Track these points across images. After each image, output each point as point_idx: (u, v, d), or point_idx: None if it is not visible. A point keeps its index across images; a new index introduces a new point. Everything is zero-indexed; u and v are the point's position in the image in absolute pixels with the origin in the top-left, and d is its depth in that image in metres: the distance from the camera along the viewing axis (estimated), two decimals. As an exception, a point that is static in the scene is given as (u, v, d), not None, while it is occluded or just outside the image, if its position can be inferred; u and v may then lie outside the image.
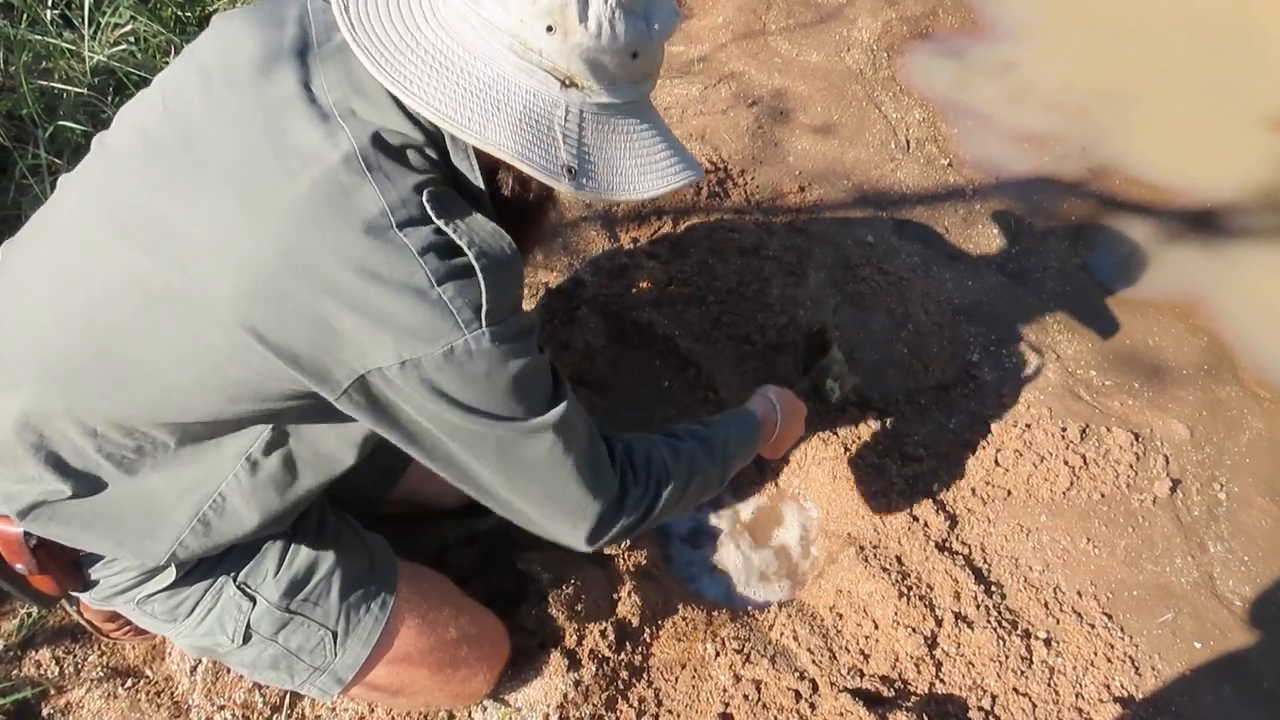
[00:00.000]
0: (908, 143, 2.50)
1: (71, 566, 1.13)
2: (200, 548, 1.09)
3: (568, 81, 0.87)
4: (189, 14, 2.07)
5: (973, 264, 2.26)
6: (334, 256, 0.84)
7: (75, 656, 1.53)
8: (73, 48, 1.76)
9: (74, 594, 1.18)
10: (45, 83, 1.69)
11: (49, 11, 1.82)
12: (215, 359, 0.92)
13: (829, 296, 2.07)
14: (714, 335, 2.00)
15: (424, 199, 0.88)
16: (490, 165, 0.96)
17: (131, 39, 1.87)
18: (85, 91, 1.71)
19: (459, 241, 0.88)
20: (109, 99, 1.79)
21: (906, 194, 2.39)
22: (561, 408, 0.99)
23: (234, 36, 0.97)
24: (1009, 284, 2.22)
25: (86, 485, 1.03)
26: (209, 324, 0.90)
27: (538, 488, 1.03)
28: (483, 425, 0.94)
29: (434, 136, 0.93)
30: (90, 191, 1.01)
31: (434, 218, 0.87)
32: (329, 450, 1.10)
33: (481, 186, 0.96)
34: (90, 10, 1.80)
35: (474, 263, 0.88)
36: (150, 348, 0.94)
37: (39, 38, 1.75)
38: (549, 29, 0.84)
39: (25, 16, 1.76)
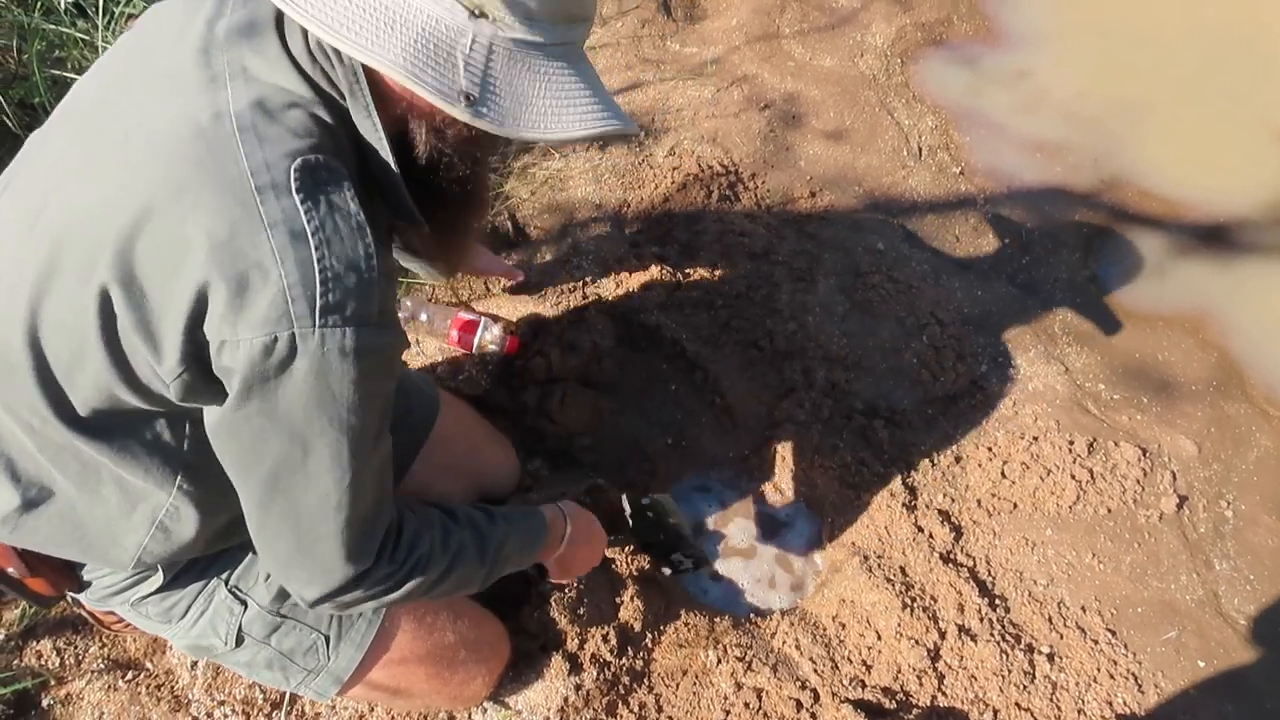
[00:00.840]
0: (920, 150, 2.49)
1: (63, 568, 1.13)
2: (165, 552, 1.06)
3: (477, 10, 0.79)
4: None
5: (983, 273, 2.25)
6: (189, 215, 0.79)
7: (76, 648, 1.53)
8: (85, 37, 1.75)
9: (72, 594, 1.18)
10: (58, 72, 1.68)
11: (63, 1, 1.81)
12: (88, 328, 0.85)
13: (837, 304, 2.06)
14: (722, 340, 1.99)
15: (293, 167, 0.81)
16: (398, 131, 0.89)
17: (145, 29, 1.87)
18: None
19: (306, 226, 0.80)
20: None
21: (918, 201, 2.38)
22: (369, 456, 0.91)
23: (156, 17, 0.97)
24: (1019, 294, 2.21)
25: (39, 494, 1.01)
26: (84, 287, 0.84)
27: (292, 532, 0.93)
28: (278, 438, 0.86)
29: (329, 97, 0.86)
30: (19, 172, 0.99)
31: (293, 190, 0.80)
32: None
33: (384, 146, 0.87)
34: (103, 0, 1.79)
35: (313, 251, 0.80)
36: (53, 321, 0.89)
37: (53, 26, 1.74)
38: None
39: (39, 4, 1.76)
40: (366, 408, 0.87)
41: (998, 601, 1.69)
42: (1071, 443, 1.88)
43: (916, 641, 1.59)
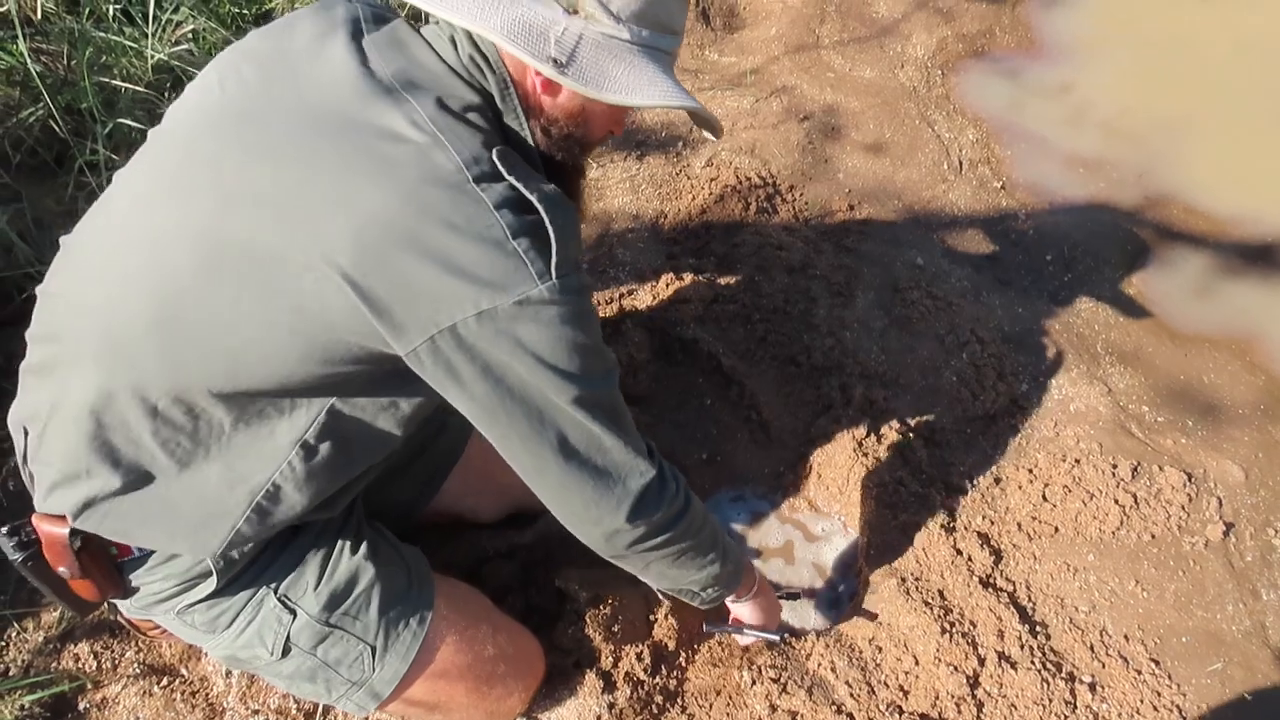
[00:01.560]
0: (960, 164, 2.46)
1: (113, 571, 1.13)
2: (254, 535, 1.09)
3: (571, 8, 0.94)
4: (247, 11, 2.08)
5: (1024, 290, 2.21)
6: (418, 212, 0.89)
7: (113, 652, 1.54)
8: (134, 45, 1.77)
9: (113, 601, 1.18)
10: (105, 79, 1.70)
11: (112, 7, 1.82)
12: (295, 313, 0.94)
13: (876, 320, 2.04)
14: (758, 354, 1.97)
15: (494, 156, 0.93)
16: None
17: (191, 37, 1.88)
18: (144, 89, 1.72)
19: (529, 197, 0.93)
20: (165, 96, 1.80)
21: (958, 216, 2.35)
22: (615, 377, 1.04)
23: (281, 29, 1.04)
24: (1061, 312, 2.17)
25: (137, 478, 1.04)
26: (297, 277, 0.92)
27: (590, 454, 1.03)
28: (549, 380, 0.96)
29: (489, 100, 1.00)
30: (150, 171, 1.04)
31: (505, 174, 0.93)
32: (379, 429, 1.11)
33: (530, 142, 1.03)
34: (153, 9, 1.81)
35: (544, 216, 0.93)
36: (225, 306, 0.95)
37: (102, 35, 1.76)
38: None
39: (89, 12, 1.78)
40: (598, 330, 1.00)
41: (1038, 628, 1.65)
42: (1115, 466, 1.84)
43: (955, 668, 1.56)
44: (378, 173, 0.90)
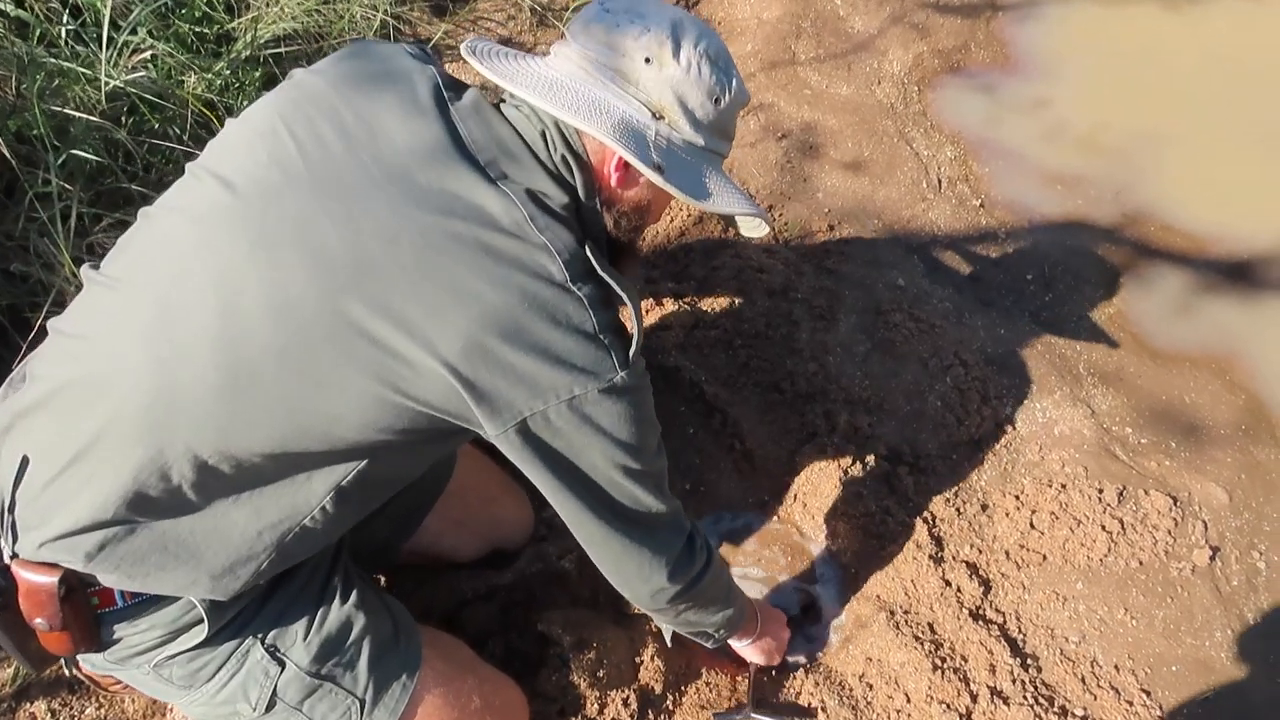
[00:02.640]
0: (939, 181, 2.44)
1: (92, 624, 1.07)
2: (271, 573, 1.09)
3: (658, 113, 1.03)
4: (207, 31, 2.01)
5: (1006, 311, 2.20)
6: (526, 308, 0.94)
7: (72, 709, 1.47)
8: (88, 72, 1.69)
9: (83, 655, 1.11)
10: (57, 108, 1.62)
11: (64, 29, 1.74)
12: (394, 391, 0.96)
13: (858, 344, 2.01)
14: (741, 381, 1.94)
15: (588, 254, 1.00)
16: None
17: (150, 63, 1.80)
18: (97, 118, 1.64)
19: (620, 292, 1.01)
20: (124, 125, 1.72)
21: (938, 235, 2.33)
22: (663, 449, 1.12)
23: (349, 82, 1.04)
24: (1042, 333, 2.16)
25: (161, 517, 1.00)
26: (404, 361, 0.94)
27: (644, 521, 1.12)
28: (619, 458, 1.03)
29: (573, 194, 1.04)
30: (214, 219, 0.98)
31: (599, 270, 1.00)
32: (404, 470, 1.17)
33: (609, 235, 1.10)
34: (108, 32, 1.72)
35: (631, 309, 1.02)
36: (307, 379, 0.95)
37: (53, 61, 1.68)
38: (647, 61, 1.01)
39: (40, 36, 1.69)
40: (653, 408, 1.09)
41: (1029, 661, 1.63)
42: (1101, 491, 1.83)
43: (948, 705, 1.53)
44: (488, 270, 0.94)
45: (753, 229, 1.20)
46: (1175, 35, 2.90)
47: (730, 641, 1.47)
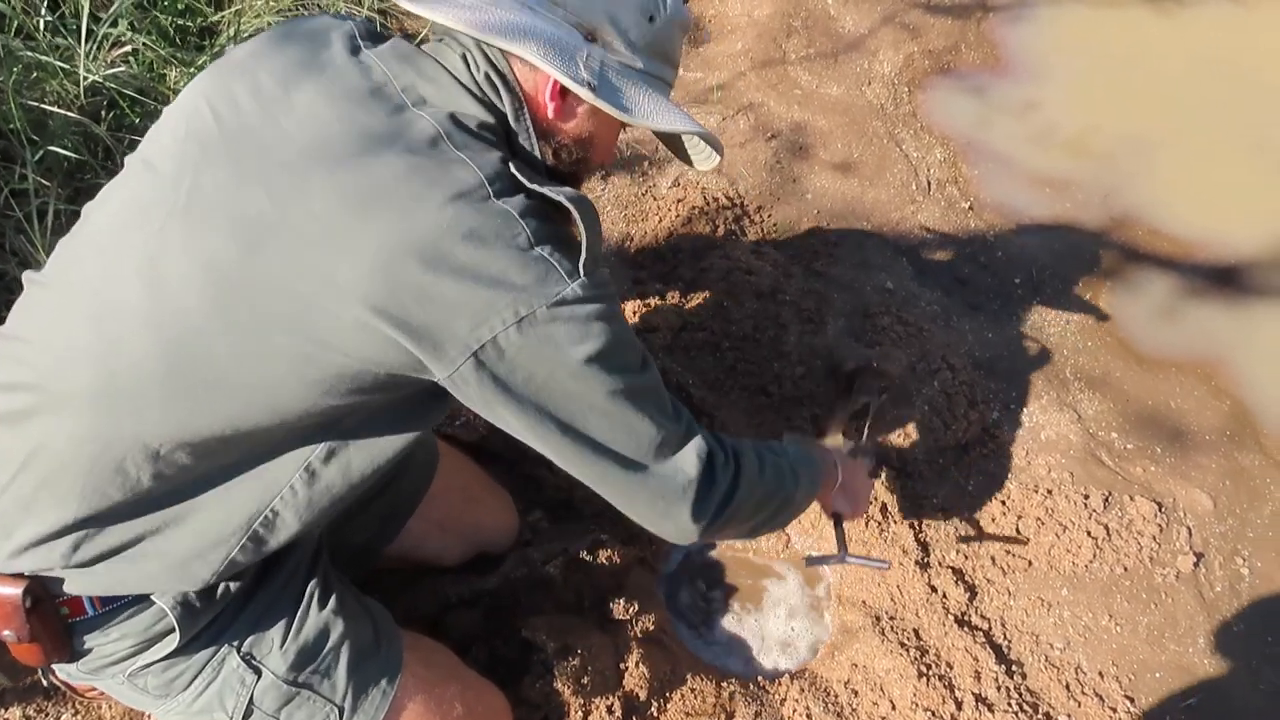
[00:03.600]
0: (929, 184, 2.43)
1: (63, 634, 1.04)
2: (246, 562, 1.05)
3: (590, 35, 0.98)
4: (190, 24, 1.97)
5: (993, 315, 2.20)
6: (445, 230, 0.88)
7: (48, 715, 1.45)
8: (66, 66, 1.65)
9: (58, 665, 1.10)
10: (34, 102, 1.59)
11: (42, 21, 1.70)
12: (324, 347, 0.91)
13: (846, 347, 2.00)
14: (728, 385, 1.92)
15: (512, 168, 0.94)
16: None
17: (131, 57, 1.76)
18: (76, 114, 1.60)
19: (556, 198, 0.94)
20: (102, 121, 1.68)
21: (927, 237, 2.32)
22: (651, 362, 1.03)
23: (268, 49, 1.00)
24: (1029, 337, 2.16)
25: (129, 519, 0.98)
26: (323, 310, 0.89)
27: (648, 450, 1.01)
28: (594, 378, 0.94)
29: (501, 118, 0.99)
30: (138, 204, 0.96)
31: (526, 184, 0.93)
32: (381, 450, 1.07)
33: (541, 160, 1.03)
34: (87, 24, 1.69)
35: (575, 214, 0.95)
36: (245, 347, 0.91)
37: (31, 54, 1.64)
38: None
39: (17, 28, 1.65)
40: (626, 322, 1.01)
41: (1014, 668, 1.63)
42: (1086, 497, 1.83)
43: (933, 713, 1.53)
44: (400, 196, 0.88)
45: (703, 159, 1.14)
46: (1164, 39, 2.90)
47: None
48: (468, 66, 0.98)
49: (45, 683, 1.30)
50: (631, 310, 1.96)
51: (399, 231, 0.87)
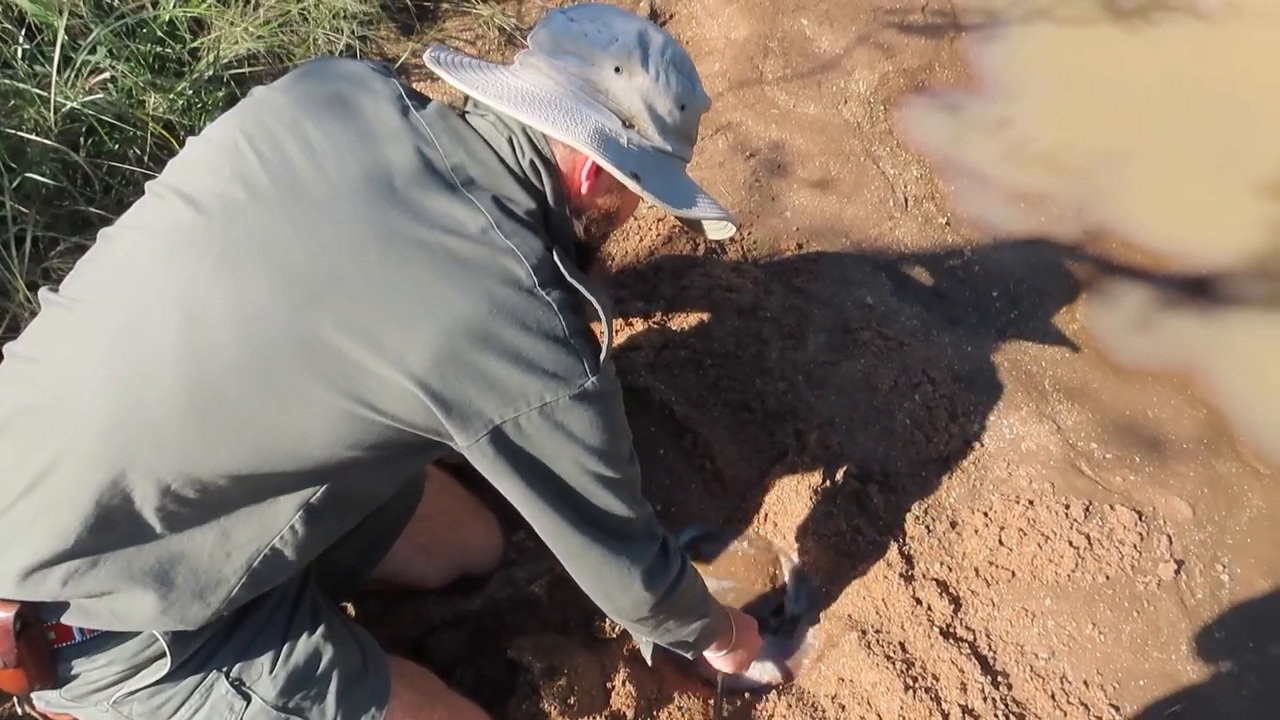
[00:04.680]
0: (906, 200, 2.46)
1: (48, 659, 1.03)
2: (244, 599, 1.07)
3: (628, 121, 1.05)
4: (171, 51, 1.98)
5: (972, 328, 2.22)
6: (493, 315, 0.93)
7: (25, 748, 1.42)
8: (44, 94, 1.65)
9: (38, 693, 1.08)
10: (12, 130, 1.58)
11: (19, 48, 1.71)
12: (361, 405, 0.94)
13: (828, 363, 2.02)
14: (711, 401, 1.93)
15: (555, 259, 0.99)
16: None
17: (110, 84, 1.76)
18: (53, 142, 1.60)
19: (589, 296, 1.00)
20: (80, 148, 1.68)
21: (905, 253, 2.35)
22: (635, 456, 1.11)
23: (309, 98, 1.02)
24: (1008, 349, 2.18)
25: (124, 544, 0.97)
26: (368, 373, 0.92)
27: (619, 529, 1.10)
28: (592, 465, 1.02)
29: (541, 201, 1.04)
30: (177, 235, 0.96)
31: (567, 276, 0.98)
32: (376, 489, 1.13)
33: (579, 241, 1.10)
34: (64, 50, 1.69)
35: (602, 314, 1.01)
36: (286, 395, 0.93)
37: (7, 81, 1.64)
38: (616, 70, 1.03)
39: (-7, 55, 1.66)
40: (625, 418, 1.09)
41: (1000, 679, 1.64)
42: (1068, 507, 1.85)
43: (920, 726, 1.53)
44: (455, 278, 0.93)
45: (719, 231, 1.21)
46: (1134, 56, 2.96)
47: (705, 652, 1.45)
48: (513, 150, 1.03)
49: (20, 711, 1.28)
50: (614, 328, 1.97)
51: (453, 313, 0.92)
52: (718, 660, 1.50)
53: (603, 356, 1.00)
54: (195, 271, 0.94)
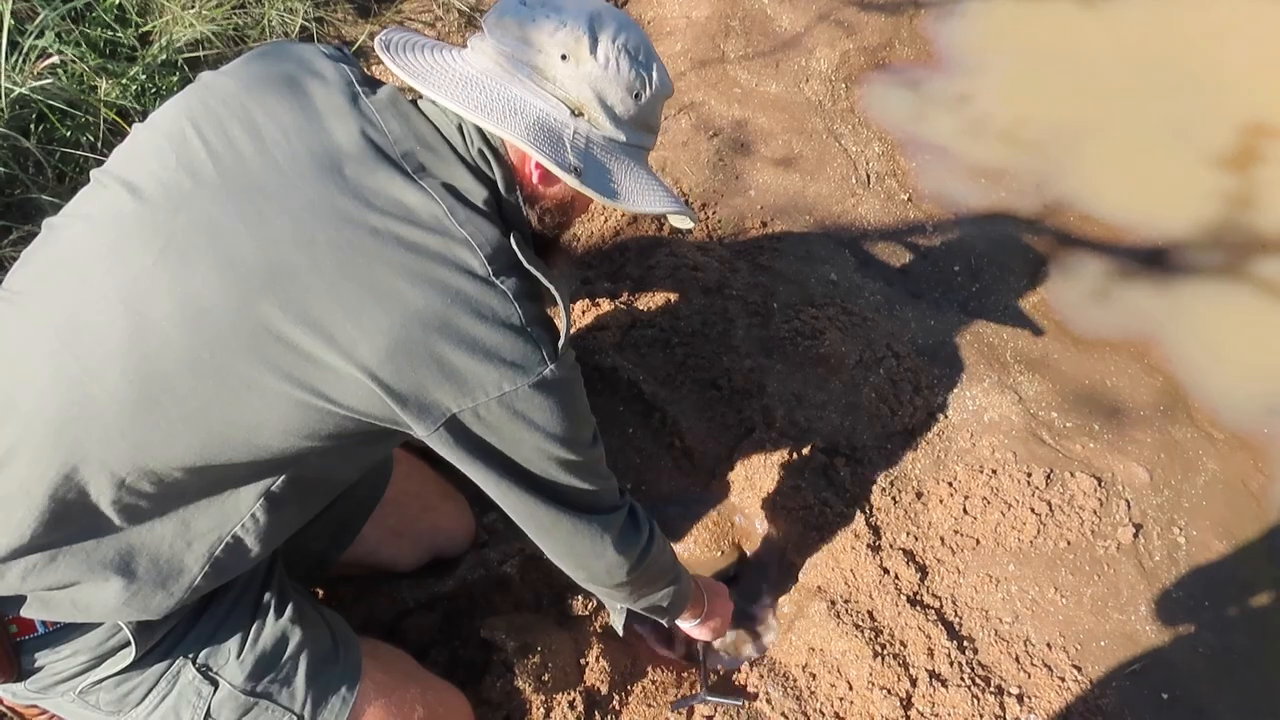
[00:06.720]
0: (868, 177, 2.49)
1: (11, 653, 1.03)
2: (207, 588, 1.07)
3: (577, 110, 1.00)
4: (122, 35, 1.93)
5: (935, 302, 2.25)
6: (449, 305, 0.92)
7: (-7, 743, 1.40)
8: (-10, 79, 1.62)
9: (2, 686, 1.07)
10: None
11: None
12: (315, 395, 0.94)
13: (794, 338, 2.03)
14: (679, 379, 1.94)
15: (512, 245, 0.98)
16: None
17: (60, 69, 1.73)
18: (3, 129, 1.56)
19: (546, 283, 1.00)
20: (31, 135, 1.64)
21: (868, 229, 2.37)
22: (599, 439, 1.12)
23: (258, 84, 1.00)
24: (970, 323, 2.21)
25: (82, 538, 0.97)
26: (320, 364, 0.92)
27: (585, 501, 1.12)
28: (554, 450, 1.03)
29: (493, 188, 1.02)
30: (122, 227, 0.95)
31: (523, 263, 0.98)
32: (338, 475, 1.14)
33: (532, 229, 1.08)
34: (10, 35, 1.65)
35: (560, 301, 1.01)
36: (238, 387, 0.93)
37: (-47, 68, 1.60)
38: (563, 57, 0.98)
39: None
40: (584, 395, 1.09)
41: (965, 644, 1.67)
42: (1029, 475, 1.88)
43: (889, 691, 1.56)
44: (408, 267, 0.92)
45: (679, 221, 1.20)
46: (1091, 32, 3.00)
47: (680, 623, 1.48)
48: (463, 138, 1.02)
49: (-10, 705, 1.27)
50: (581, 309, 1.98)
51: (405, 303, 0.91)
52: (694, 630, 1.52)
53: (561, 343, 1.00)
54: (141, 263, 0.93)
